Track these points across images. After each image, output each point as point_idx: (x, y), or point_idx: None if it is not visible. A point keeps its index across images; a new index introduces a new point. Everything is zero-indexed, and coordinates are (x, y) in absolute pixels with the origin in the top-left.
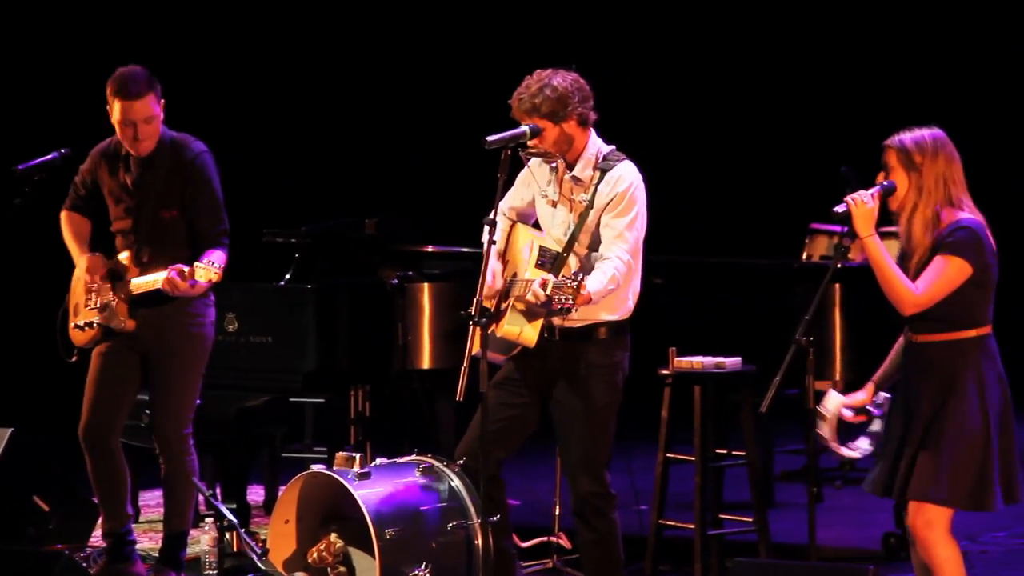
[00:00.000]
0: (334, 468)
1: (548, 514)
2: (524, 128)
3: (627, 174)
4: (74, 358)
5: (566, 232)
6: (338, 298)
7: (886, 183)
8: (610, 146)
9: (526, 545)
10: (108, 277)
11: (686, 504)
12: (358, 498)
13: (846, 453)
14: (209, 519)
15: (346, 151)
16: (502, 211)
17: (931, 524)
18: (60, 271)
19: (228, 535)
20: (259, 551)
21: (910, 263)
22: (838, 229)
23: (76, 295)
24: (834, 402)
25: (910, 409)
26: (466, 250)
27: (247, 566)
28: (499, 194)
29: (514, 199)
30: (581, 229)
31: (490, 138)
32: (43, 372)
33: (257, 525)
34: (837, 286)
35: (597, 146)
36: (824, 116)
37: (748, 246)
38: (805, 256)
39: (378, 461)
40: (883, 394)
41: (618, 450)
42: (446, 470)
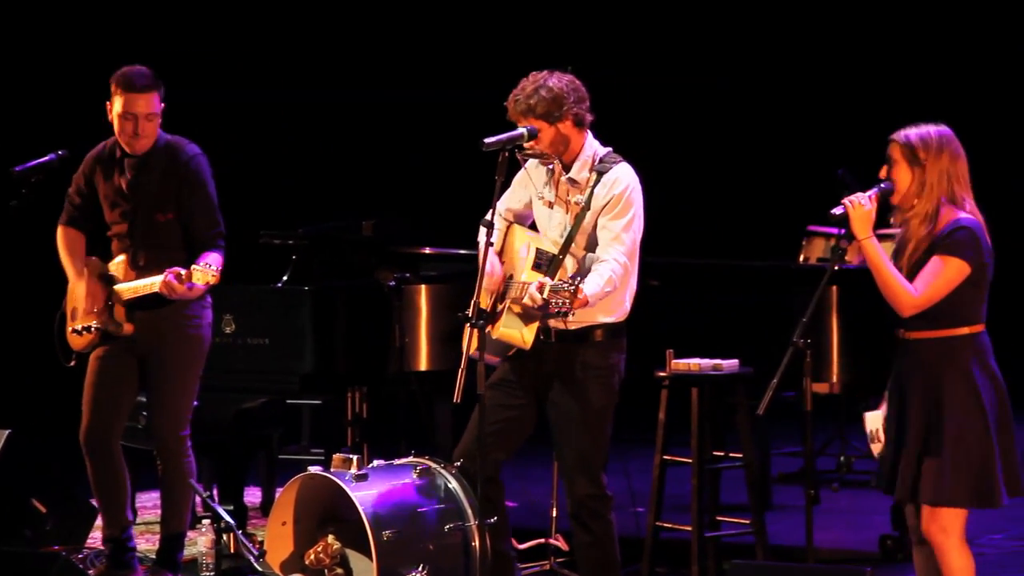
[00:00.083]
0: (331, 470)
1: (545, 516)
2: (521, 130)
3: (624, 176)
4: (72, 362)
5: (562, 234)
6: (335, 300)
7: (884, 185)
8: (607, 148)
9: (523, 547)
10: (105, 281)
11: (683, 506)
12: (355, 500)
13: None
14: (206, 521)
15: (343, 153)
16: (499, 213)
17: (946, 530)
18: (57, 272)
19: (225, 537)
20: (256, 553)
21: (903, 257)
22: (835, 231)
23: (73, 299)
24: (878, 420)
25: (903, 406)
26: (463, 252)
27: (244, 568)
28: (496, 196)
29: (511, 201)
30: (577, 231)
31: (487, 140)
32: (40, 373)
33: (254, 527)
34: (834, 288)
35: (594, 148)
36: (821, 118)
37: (745, 248)
38: (802, 258)
39: (375, 463)
40: None
41: (615, 452)
42: (443, 472)
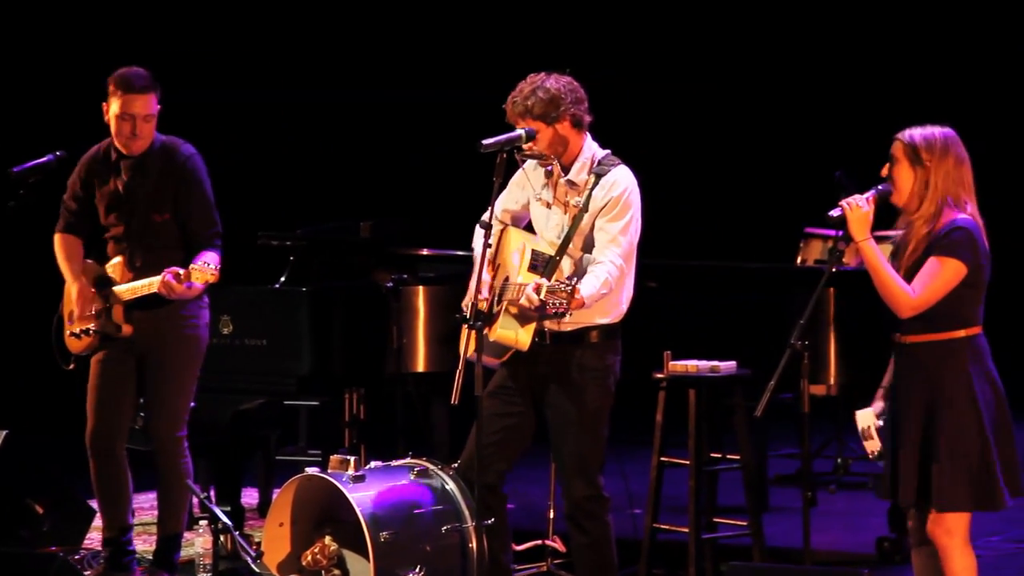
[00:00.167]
0: (328, 471)
1: (542, 518)
2: (520, 132)
3: (622, 178)
4: (71, 366)
5: (559, 235)
6: (333, 301)
7: (882, 187)
8: (606, 150)
9: (520, 548)
10: (102, 283)
11: (680, 508)
12: (352, 501)
13: None
14: (203, 521)
15: (340, 154)
16: (495, 214)
17: (951, 532)
18: (55, 273)
19: (222, 538)
20: (253, 554)
21: (902, 257)
22: (832, 233)
23: (70, 303)
24: (870, 418)
25: (901, 410)
26: (461, 253)
27: (241, 569)
28: (494, 197)
29: (508, 202)
30: (575, 232)
31: (486, 142)
32: (38, 374)
33: (251, 528)
34: (832, 290)
35: (592, 150)
36: (818, 120)
37: (743, 250)
38: (799, 260)
39: (372, 464)
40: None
41: (612, 454)
42: (440, 473)
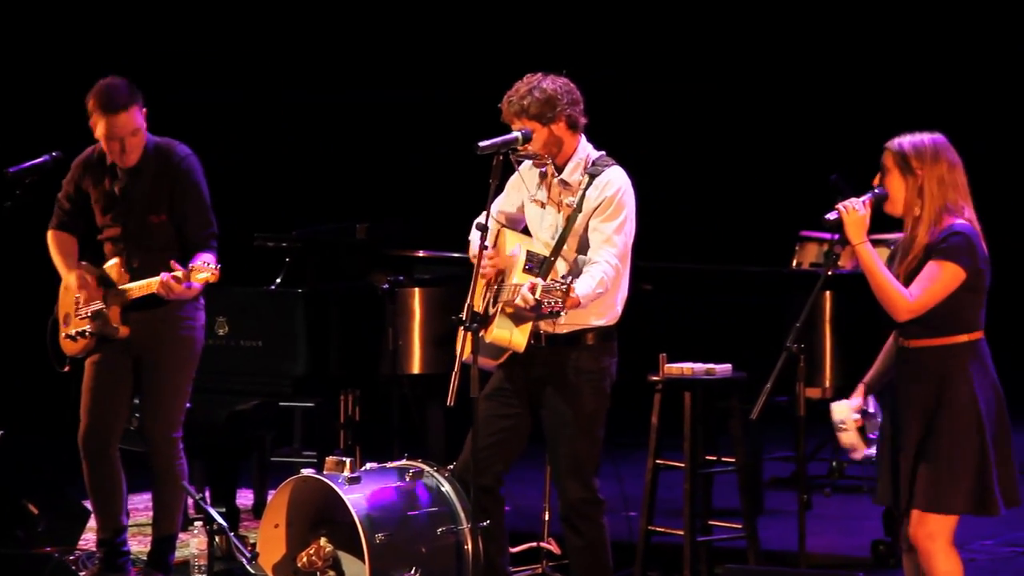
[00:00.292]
0: (324, 472)
1: (537, 520)
2: (516, 134)
3: (616, 179)
4: (66, 368)
5: (554, 235)
6: (329, 302)
7: (878, 191)
8: (600, 151)
9: (516, 550)
10: (98, 285)
11: (675, 510)
12: (348, 502)
13: (870, 453)
14: (198, 523)
15: (338, 155)
16: (491, 216)
17: (933, 536)
18: (51, 274)
19: (217, 539)
20: (248, 555)
21: (901, 264)
22: (828, 236)
23: (65, 305)
24: (845, 410)
25: (901, 414)
26: (457, 255)
27: (236, 570)
28: (491, 199)
29: (504, 204)
30: (569, 232)
31: (482, 144)
32: (33, 375)
33: (247, 529)
34: (828, 293)
35: (587, 150)
36: (814, 123)
37: (739, 253)
38: (795, 263)
39: (368, 466)
40: (871, 398)
41: (607, 456)
42: (436, 475)
